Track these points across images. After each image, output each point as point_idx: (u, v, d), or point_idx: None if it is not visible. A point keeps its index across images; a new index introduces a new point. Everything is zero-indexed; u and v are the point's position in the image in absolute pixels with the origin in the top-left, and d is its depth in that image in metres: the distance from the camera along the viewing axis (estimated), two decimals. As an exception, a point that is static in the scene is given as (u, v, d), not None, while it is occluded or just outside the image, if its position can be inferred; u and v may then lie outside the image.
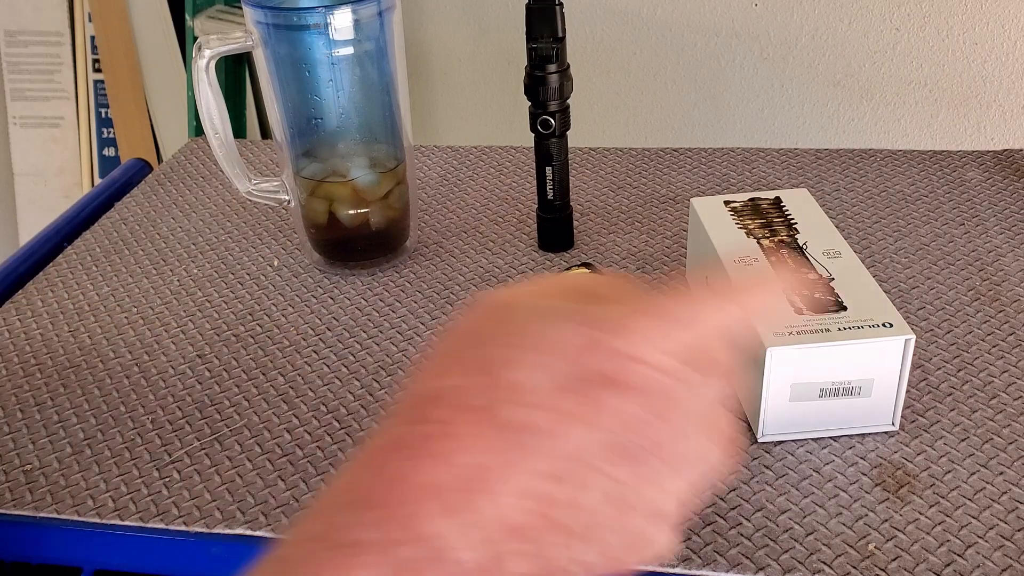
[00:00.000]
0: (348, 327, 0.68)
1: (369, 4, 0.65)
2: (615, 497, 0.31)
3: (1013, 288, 0.67)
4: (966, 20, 1.38)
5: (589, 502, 0.31)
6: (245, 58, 1.68)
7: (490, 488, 0.30)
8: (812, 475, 0.53)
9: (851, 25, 1.44)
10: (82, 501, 0.54)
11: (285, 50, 0.67)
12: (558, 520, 0.31)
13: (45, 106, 1.92)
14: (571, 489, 0.31)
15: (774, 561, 0.48)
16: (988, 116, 1.43)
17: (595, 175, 0.87)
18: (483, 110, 1.71)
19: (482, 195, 0.85)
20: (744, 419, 0.57)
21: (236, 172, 0.72)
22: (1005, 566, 0.47)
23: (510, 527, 0.30)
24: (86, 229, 0.83)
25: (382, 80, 0.70)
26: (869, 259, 0.71)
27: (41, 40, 1.89)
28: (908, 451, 0.54)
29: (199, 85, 0.68)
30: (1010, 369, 0.60)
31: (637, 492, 0.32)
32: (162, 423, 0.59)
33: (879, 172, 0.84)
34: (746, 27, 1.49)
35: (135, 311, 0.71)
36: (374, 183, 0.72)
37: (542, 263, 0.74)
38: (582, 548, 0.31)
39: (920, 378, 0.59)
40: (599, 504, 0.31)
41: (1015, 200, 0.78)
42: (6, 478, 0.56)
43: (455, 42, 1.66)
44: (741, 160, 0.87)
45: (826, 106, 1.51)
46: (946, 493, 0.51)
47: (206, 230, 0.82)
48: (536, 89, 0.68)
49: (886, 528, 0.49)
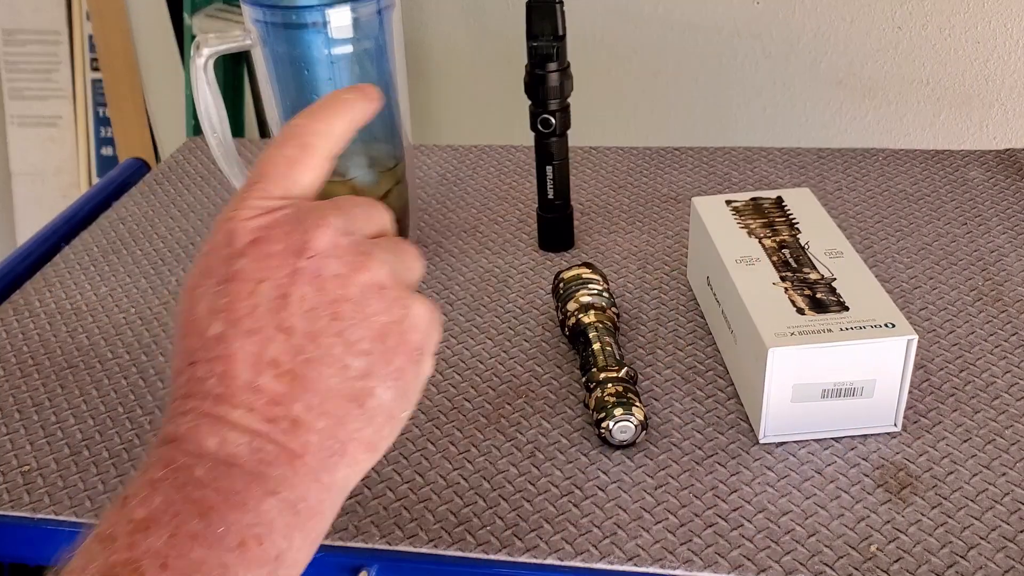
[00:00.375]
0: (347, 327, 0.67)
1: (368, 2, 0.65)
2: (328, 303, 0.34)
3: (1016, 288, 0.67)
4: (968, 19, 1.38)
5: (315, 325, 0.34)
6: (244, 57, 1.67)
7: (231, 392, 0.33)
8: (814, 476, 0.52)
9: (853, 24, 1.43)
10: (80, 502, 0.53)
11: (284, 49, 0.66)
12: (305, 361, 0.33)
13: (43, 105, 1.91)
14: (289, 334, 0.33)
15: (776, 563, 0.47)
16: (991, 115, 1.43)
17: (595, 175, 0.86)
18: (483, 110, 1.71)
19: (482, 195, 0.84)
20: (746, 420, 0.56)
21: (235, 171, 0.71)
22: (1007, 568, 0.46)
23: (272, 401, 0.33)
24: (84, 229, 0.82)
25: (381, 79, 0.69)
26: (871, 259, 0.71)
27: (39, 39, 1.88)
28: (910, 452, 0.54)
29: (197, 84, 0.67)
30: (1013, 370, 0.59)
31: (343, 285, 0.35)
32: (161, 423, 0.59)
33: (881, 171, 0.83)
34: (748, 26, 1.48)
35: (133, 311, 0.71)
36: (373, 182, 0.72)
37: (542, 263, 0.74)
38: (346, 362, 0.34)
39: (922, 379, 0.59)
40: (324, 321, 0.34)
41: (1018, 200, 0.78)
42: (4, 479, 0.55)
43: (455, 42, 1.65)
44: (743, 159, 0.87)
45: (828, 105, 1.50)
46: (948, 494, 0.51)
47: (205, 230, 0.81)
48: (536, 88, 0.68)
49: (888, 529, 0.49)
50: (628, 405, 0.54)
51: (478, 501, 0.52)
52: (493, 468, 0.54)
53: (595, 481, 0.53)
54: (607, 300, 0.63)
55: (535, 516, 0.51)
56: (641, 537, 0.49)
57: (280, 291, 0.34)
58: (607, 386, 0.55)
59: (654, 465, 0.54)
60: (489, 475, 0.54)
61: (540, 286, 0.71)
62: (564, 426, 0.57)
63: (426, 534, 0.50)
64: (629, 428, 0.54)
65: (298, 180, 0.37)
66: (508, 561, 0.49)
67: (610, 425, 0.54)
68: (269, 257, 0.34)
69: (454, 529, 0.50)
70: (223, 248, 0.35)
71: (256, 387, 0.33)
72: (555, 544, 0.49)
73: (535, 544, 0.49)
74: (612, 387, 0.55)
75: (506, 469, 0.54)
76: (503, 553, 0.49)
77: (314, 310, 0.34)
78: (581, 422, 0.57)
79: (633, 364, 0.62)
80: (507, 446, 0.56)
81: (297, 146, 0.38)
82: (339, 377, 0.34)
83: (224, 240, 0.35)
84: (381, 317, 0.35)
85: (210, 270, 0.35)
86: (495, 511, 0.51)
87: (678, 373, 0.61)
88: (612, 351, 0.58)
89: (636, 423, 0.54)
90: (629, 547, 0.49)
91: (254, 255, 0.34)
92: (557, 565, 0.48)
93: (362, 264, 0.35)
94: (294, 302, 0.34)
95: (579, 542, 0.49)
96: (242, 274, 0.34)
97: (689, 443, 0.55)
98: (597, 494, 0.52)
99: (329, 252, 0.35)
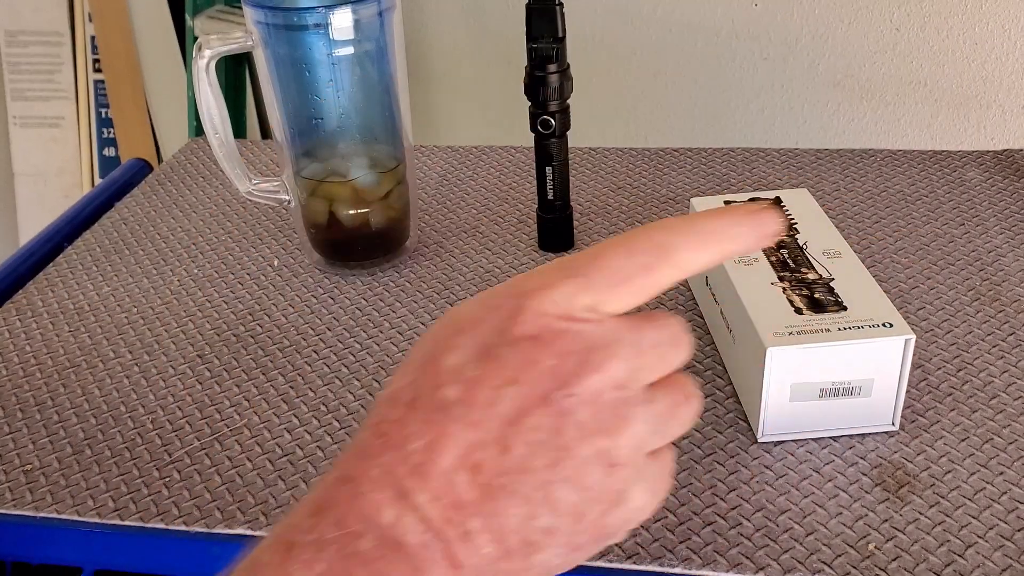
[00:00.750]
0: (348, 327, 0.68)
1: (369, 4, 0.65)
2: (556, 448, 0.31)
3: (1013, 288, 0.67)
4: (966, 20, 1.38)
5: (531, 461, 0.31)
6: (245, 58, 1.68)
7: (427, 470, 0.31)
8: (812, 475, 0.53)
9: (851, 25, 1.44)
10: (82, 501, 0.54)
11: (285, 50, 0.67)
12: (502, 486, 0.31)
13: (45, 106, 1.92)
14: (505, 452, 0.31)
15: (774, 561, 0.48)
16: (988, 116, 1.43)
17: (595, 175, 0.87)
18: (483, 110, 1.71)
19: (482, 195, 0.85)
20: (744, 419, 0.57)
21: (236, 172, 0.72)
22: (1005, 566, 0.47)
23: (456, 503, 0.31)
24: (86, 229, 0.83)
25: (382, 80, 0.70)
26: (869, 259, 0.71)
27: (41, 40, 1.89)
28: (908, 451, 0.54)
29: (199, 85, 0.68)
30: (1010, 369, 0.60)
31: (580, 440, 0.32)
32: (162, 423, 0.59)
33: (879, 172, 0.84)
34: (746, 27, 1.49)
35: (135, 311, 0.71)
36: (374, 183, 0.72)
37: (542, 263, 0.74)
38: (537, 512, 0.31)
39: (920, 378, 0.59)
40: (542, 461, 0.31)
41: (1015, 200, 0.78)
42: (6, 478, 0.56)
43: (455, 42, 1.66)
44: (741, 160, 0.87)
45: (826, 106, 1.51)
46: (946, 493, 0.51)
47: (206, 230, 0.82)
48: (536, 89, 0.68)
49: (886, 528, 0.49)
50: (627, 404, 0.54)
51: (478, 500, 0.52)
52: (493, 467, 0.54)
53: (595, 480, 0.53)
54: (607, 300, 0.63)
55: (535, 514, 0.51)
56: (640, 535, 0.50)
57: (521, 406, 0.31)
58: (606, 385, 0.55)
59: (653, 464, 0.54)
60: (489, 474, 0.54)
61: (540, 286, 0.71)
62: (564, 425, 0.57)
63: (427, 532, 0.50)
64: (628, 427, 0.54)
65: (621, 298, 0.33)
66: (508, 559, 0.49)
67: (609, 424, 0.54)
68: (534, 365, 0.32)
69: (454, 527, 0.51)
70: (504, 319, 0.32)
71: (452, 480, 0.31)
72: (555, 542, 0.49)
73: (535, 542, 0.49)
74: (611, 386, 0.55)
75: (506, 468, 0.54)
76: (503, 551, 0.49)
77: (539, 444, 0.31)
78: (581, 421, 0.57)
79: (632, 364, 0.62)
80: (507, 445, 0.56)
81: (643, 266, 0.34)
82: (523, 519, 0.31)
83: (509, 312, 0.33)
84: (591, 493, 0.32)
85: (480, 328, 0.33)
86: (495, 509, 0.52)
87: (677, 373, 0.61)
88: (611, 351, 0.58)
89: (635, 422, 0.54)
90: (628, 545, 0.49)
91: (523, 352, 0.32)
92: (557, 563, 0.49)
93: (611, 429, 0.32)
94: (526, 426, 0.31)
95: (579, 540, 0.49)
96: (501, 362, 0.32)
97: (688, 442, 0.55)
98: (596, 493, 0.52)
99: (589, 399, 0.32)
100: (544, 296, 0.33)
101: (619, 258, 0.34)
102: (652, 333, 0.33)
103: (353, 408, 0.60)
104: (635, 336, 0.33)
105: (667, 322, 0.34)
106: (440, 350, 0.33)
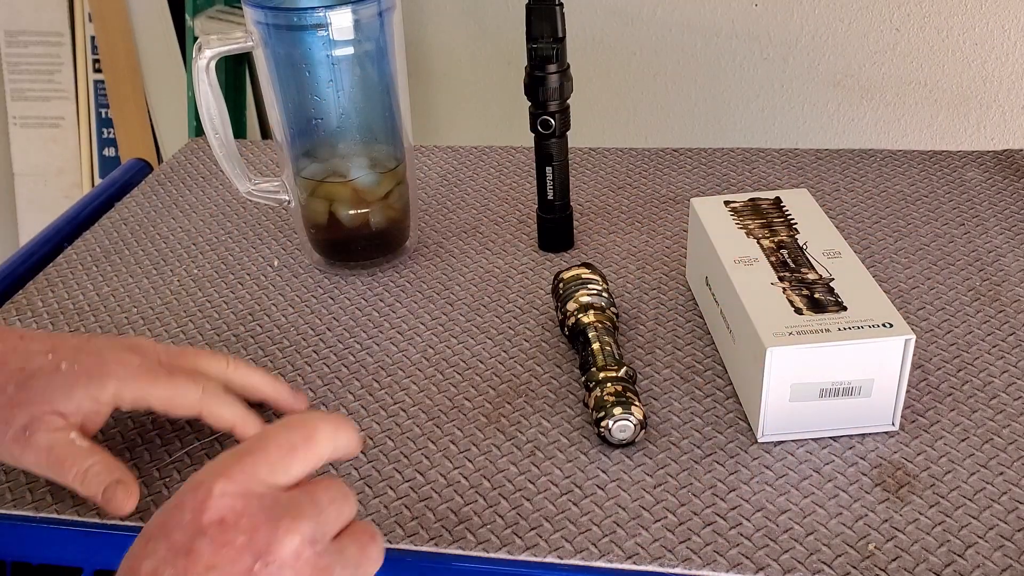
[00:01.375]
0: (348, 327, 0.68)
1: (369, 4, 0.65)
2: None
3: (1013, 288, 0.67)
4: (966, 20, 1.38)
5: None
6: (245, 58, 1.68)
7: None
8: (812, 475, 0.53)
9: (851, 25, 1.44)
10: (82, 501, 0.54)
11: (285, 50, 0.67)
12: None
13: (45, 106, 1.92)
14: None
15: (774, 561, 0.48)
16: (988, 116, 1.43)
17: (595, 175, 0.87)
18: (483, 110, 1.71)
19: (482, 195, 0.85)
20: (745, 419, 0.57)
21: (236, 172, 0.72)
22: (1005, 566, 0.47)
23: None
24: (86, 229, 0.83)
25: (382, 80, 0.70)
26: (869, 259, 0.71)
27: (41, 40, 1.89)
28: (908, 451, 0.54)
29: (199, 85, 0.68)
30: (1010, 369, 0.60)
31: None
32: (162, 423, 0.59)
33: (879, 172, 0.84)
34: (746, 27, 1.49)
35: (135, 311, 0.71)
36: (374, 183, 0.72)
37: (542, 263, 0.74)
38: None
39: (920, 378, 0.59)
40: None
41: (1015, 200, 0.78)
42: (6, 478, 0.56)
43: (455, 42, 1.66)
44: (741, 160, 0.87)
45: (826, 106, 1.51)
46: (946, 493, 0.51)
47: (206, 230, 0.82)
48: (536, 89, 0.68)
49: (886, 528, 0.49)
50: (627, 404, 0.54)
51: (478, 500, 0.52)
52: (493, 467, 0.55)
53: (594, 480, 0.53)
54: (606, 300, 0.63)
55: (535, 514, 0.51)
56: (640, 535, 0.50)
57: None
58: (606, 385, 0.55)
59: (653, 464, 0.54)
60: (489, 474, 0.54)
61: (540, 286, 0.71)
62: (564, 425, 0.57)
63: (427, 532, 0.51)
64: (628, 427, 0.54)
65: (290, 469, 0.38)
66: (508, 559, 0.49)
67: (609, 424, 0.54)
68: (229, 546, 0.34)
69: (455, 528, 0.51)
70: (188, 513, 0.35)
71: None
72: (555, 542, 0.49)
73: (535, 542, 0.50)
74: (611, 386, 0.55)
75: (506, 468, 0.54)
76: (503, 551, 0.49)
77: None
78: (580, 421, 0.58)
79: (632, 364, 0.62)
80: (507, 445, 0.56)
81: (304, 437, 0.39)
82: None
83: (193, 506, 0.35)
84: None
85: (168, 531, 0.35)
86: (495, 510, 0.52)
87: (677, 373, 0.61)
88: (611, 351, 0.59)
89: (635, 422, 0.54)
90: (628, 545, 0.49)
91: (215, 538, 0.34)
92: (557, 563, 0.49)
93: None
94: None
95: (578, 540, 0.50)
96: (195, 553, 0.34)
97: (688, 442, 0.55)
98: (596, 493, 0.52)
99: (291, 561, 0.35)
100: (223, 480, 0.36)
101: (283, 434, 0.39)
102: (324, 493, 0.38)
103: (353, 408, 0.60)
104: (311, 497, 0.37)
105: (332, 482, 0.39)
106: (136, 561, 0.35)
